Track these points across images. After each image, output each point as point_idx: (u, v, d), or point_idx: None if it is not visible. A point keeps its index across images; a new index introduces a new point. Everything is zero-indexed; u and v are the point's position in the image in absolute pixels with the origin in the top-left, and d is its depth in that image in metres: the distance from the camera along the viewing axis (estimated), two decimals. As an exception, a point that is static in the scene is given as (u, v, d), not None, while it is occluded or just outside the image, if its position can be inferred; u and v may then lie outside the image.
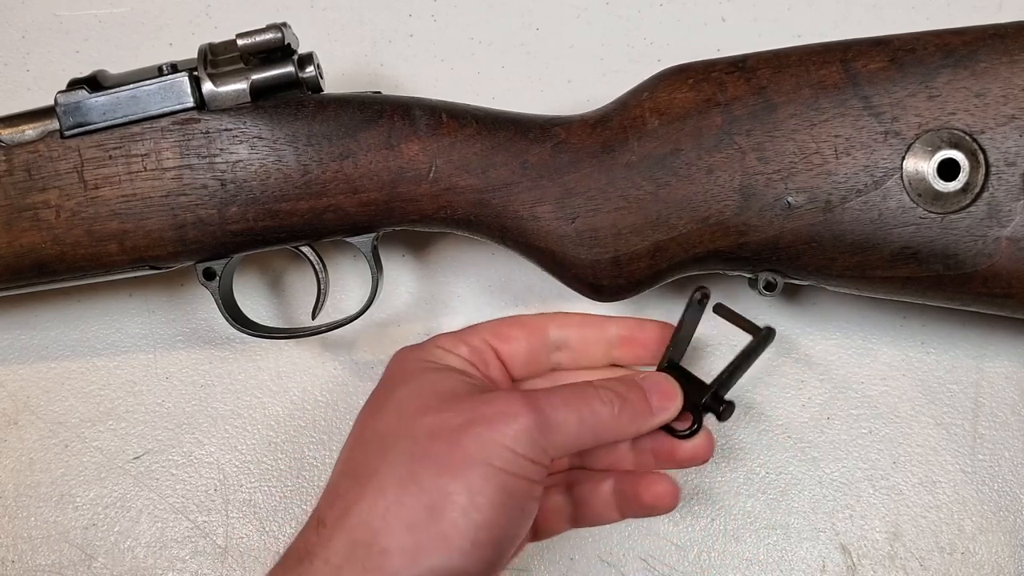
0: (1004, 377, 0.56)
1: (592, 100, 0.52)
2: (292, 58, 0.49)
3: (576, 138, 0.49)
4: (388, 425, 0.45)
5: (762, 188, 0.47)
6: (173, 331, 0.59)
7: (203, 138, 0.49)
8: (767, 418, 0.57)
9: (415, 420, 0.44)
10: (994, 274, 0.46)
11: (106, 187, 0.49)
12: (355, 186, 0.49)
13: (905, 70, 0.46)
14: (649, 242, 0.48)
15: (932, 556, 0.55)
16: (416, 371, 0.48)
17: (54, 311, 0.59)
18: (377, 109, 0.49)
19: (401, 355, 0.50)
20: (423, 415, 0.44)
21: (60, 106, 0.49)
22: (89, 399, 0.58)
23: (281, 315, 0.59)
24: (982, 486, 0.55)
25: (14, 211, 0.49)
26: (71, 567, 0.57)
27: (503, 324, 0.51)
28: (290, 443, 0.58)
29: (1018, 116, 0.45)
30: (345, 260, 0.59)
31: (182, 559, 0.57)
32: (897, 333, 0.57)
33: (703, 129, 0.47)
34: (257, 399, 0.58)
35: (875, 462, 0.56)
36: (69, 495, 0.57)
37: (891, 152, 0.46)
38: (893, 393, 0.56)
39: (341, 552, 0.42)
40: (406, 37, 0.61)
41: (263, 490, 0.57)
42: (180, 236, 0.49)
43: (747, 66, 0.48)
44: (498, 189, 0.49)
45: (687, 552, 0.56)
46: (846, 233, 0.47)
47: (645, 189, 0.48)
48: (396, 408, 0.45)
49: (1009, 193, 0.46)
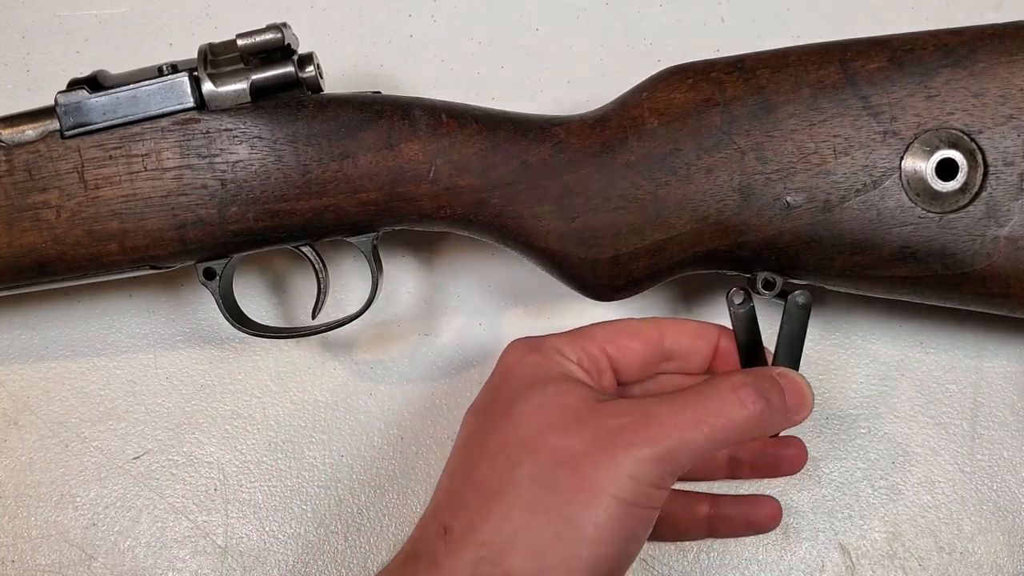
0: (1003, 377, 0.56)
1: (592, 100, 0.52)
2: (292, 58, 0.49)
3: (576, 138, 0.49)
4: (513, 440, 0.44)
5: (761, 188, 0.47)
6: (173, 331, 0.59)
7: (203, 138, 0.49)
8: (766, 418, 0.57)
9: (542, 440, 0.44)
10: (992, 273, 0.46)
11: (106, 187, 0.49)
12: (355, 186, 0.49)
13: (904, 70, 0.46)
14: (648, 242, 0.48)
15: (931, 556, 0.55)
16: (538, 380, 0.46)
17: (54, 311, 0.59)
18: (377, 109, 0.49)
19: (516, 357, 0.48)
20: (549, 435, 0.44)
21: (60, 106, 0.49)
22: (89, 399, 0.58)
23: (281, 315, 0.59)
24: (981, 486, 0.55)
25: (14, 211, 0.49)
26: (71, 567, 0.57)
27: (621, 334, 0.49)
28: (290, 443, 0.58)
29: (1016, 116, 0.45)
30: (345, 260, 0.59)
31: (182, 559, 0.57)
32: (896, 333, 0.57)
33: (702, 129, 0.47)
34: (257, 399, 0.58)
35: (874, 462, 0.56)
36: (69, 495, 0.57)
37: (890, 152, 0.46)
38: (892, 393, 0.56)
39: (468, 565, 0.42)
40: (406, 37, 0.61)
41: (263, 490, 0.57)
42: (180, 236, 0.49)
43: (746, 66, 0.48)
44: (498, 189, 0.49)
45: (687, 552, 0.56)
46: (845, 233, 0.47)
47: (644, 189, 0.48)
48: (521, 423, 0.45)
49: (1007, 193, 0.46)
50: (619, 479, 0.42)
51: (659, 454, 0.42)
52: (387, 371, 0.58)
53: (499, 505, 0.43)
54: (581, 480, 0.42)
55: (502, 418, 0.46)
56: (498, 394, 0.47)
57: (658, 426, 0.43)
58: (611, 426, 0.43)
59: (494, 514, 0.42)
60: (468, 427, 0.48)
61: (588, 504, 0.42)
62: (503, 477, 0.43)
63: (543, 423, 0.44)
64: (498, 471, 0.44)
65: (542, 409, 0.45)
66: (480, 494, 0.44)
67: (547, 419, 0.44)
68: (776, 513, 0.52)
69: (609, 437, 0.43)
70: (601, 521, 0.42)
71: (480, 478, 0.44)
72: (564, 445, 0.43)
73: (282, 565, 0.56)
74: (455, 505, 0.44)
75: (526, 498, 0.42)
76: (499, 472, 0.44)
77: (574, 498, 0.42)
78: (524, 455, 0.44)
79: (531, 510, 0.42)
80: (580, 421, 0.44)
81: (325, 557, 0.57)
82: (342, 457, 0.58)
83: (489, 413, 0.47)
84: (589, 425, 0.44)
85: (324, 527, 0.57)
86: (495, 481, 0.44)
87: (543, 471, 0.43)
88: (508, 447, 0.44)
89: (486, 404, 0.48)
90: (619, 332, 0.49)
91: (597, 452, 0.43)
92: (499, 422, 0.46)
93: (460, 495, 0.45)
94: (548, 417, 0.44)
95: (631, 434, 0.43)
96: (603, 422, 0.44)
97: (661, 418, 0.43)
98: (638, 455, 0.42)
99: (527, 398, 0.46)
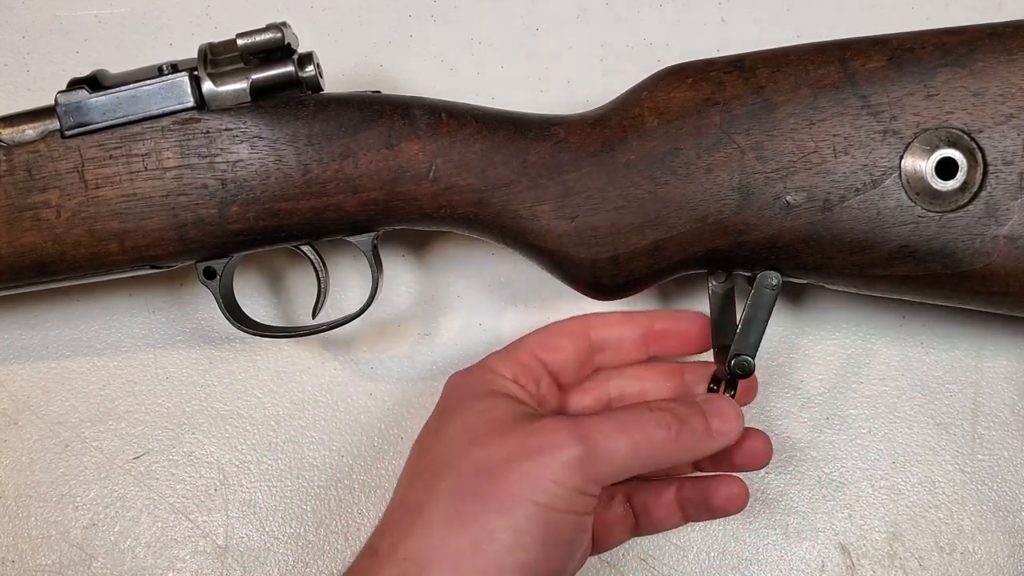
0: (1003, 377, 0.56)
1: (592, 100, 0.52)
2: (292, 58, 0.49)
3: (575, 137, 0.49)
4: (438, 457, 0.45)
5: (761, 187, 0.47)
6: (173, 331, 0.59)
7: (203, 138, 0.49)
8: (767, 418, 0.57)
9: (464, 453, 0.44)
10: (991, 272, 0.46)
11: (107, 187, 0.49)
12: (355, 185, 0.49)
13: (903, 69, 0.46)
14: (648, 241, 0.48)
15: (931, 556, 0.55)
16: (467, 399, 0.47)
17: (54, 311, 0.59)
18: (377, 109, 0.49)
19: (453, 381, 0.50)
20: (471, 448, 0.44)
21: (61, 106, 0.49)
22: (89, 399, 0.58)
23: (281, 314, 0.59)
24: (981, 486, 0.55)
25: (15, 211, 0.49)
26: (71, 567, 0.57)
27: (548, 335, 0.51)
28: (290, 443, 0.58)
29: (1016, 115, 0.45)
30: (345, 259, 0.59)
31: (182, 559, 0.57)
32: (896, 333, 0.57)
33: (702, 128, 0.47)
34: (257, 399, 0.58)
35: (874, 462, 0.56)
36: (69, 495, 0.57)
37: (889, 151, 0.46)
38: (892, 393, 0.56)
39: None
40: (406, 37, 0.61)
41: (263, 490, 0.57)
42: (181, 236, 0.49)
43: (746, 65, 0.48)
44: (498, 188, 0.49)
45: (687, 552, 0.56)
46: (845, 232, 0.47)
47: (644, 188, 0.48)
48: (447, 440, 0.46)
49: (1007, 192, 0.46)
50: (541, 484, 0.42)
51: (582, 456, 0.42)
52: (387, 371, 0.58)
53: (419, 521, 0.43)
54: (499, 487, 0.42)
55: (433, 440, 0.47)
56: (431, 421, 0.49)
57: (583, 429, 0.43)
58: (535, 431, 0.44)
59: (415, 530, 0.43)
60: (408, 458, 0.48)
61: (506, 511, 0.42)
62: (425, 494, 0.44)
63: (467, 437, 0.45)
64: (421, 490, 0.44)
65: (467, 424, 0.46)
66: (403, 513, 0.44)
67: (471, 434, 0.45)
68: (736, 496, 0.49)
69: (531, 442, 0.43)
70: (521, 525, 0.42)
71: (405, 499, 0.45)
72: (484, 455, 0.44)
73: (282, 565, 0.57)
74: (382, 529, 0.45)
75: (444, 510, 0.43)
76: (421, 490, 0.44)
77: (491, 506, 0.42)
78: (446, 470, 0.44)
79: (449, 522, 0.42)
80: (504, 432, 0.44)
81: (325, 557, 0.57)
82: (342, 457, 0.58)
83: (421, 442, 0.48)
84: (513, 434, 0.44)
85: (324, 527, 0.57)
86: (417, 499, 0.44)
87: (461, 482, 0.43)
88: (433, 465, 0.45)
89: (421, 433, 0.49)
90: (546, 334, 0.51)
91: (518, 458, 0.43)
92: (430, 444, 0.47)
93: (388, 518, 0.45)
94: (472, 432, 0.45)
95: (554, 436, 0.43)
96: (528, 429, 0.44)
97: (586, 425, 0.44)
98: (561, 457, 0.42)
99: (454, 417, 0.46)
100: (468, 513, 0.42)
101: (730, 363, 0.49)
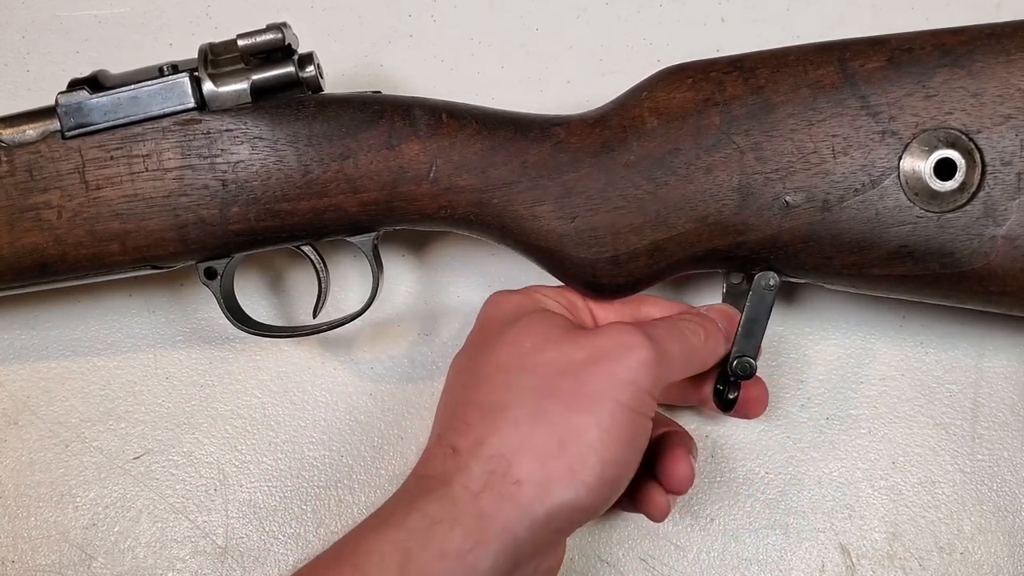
0: (1003, 377, 0.56)
1: (592, 100, 0.52)
2: (292, 58, 0.49)
3: (575, 138, 0.49)
4: (508, 359, 0.46)
5: (760, 187, 0.47)
6: (173, 331, 0.59)
7: (204, 138, 0.49)
8: (767, 418, 0.57)
9: (535, 356, 0.45)
10: (990, 272, 0.46)
11: (108, 187, 0.49)
12: (356, 186, 0.49)
13: (902, 70, 0.47)
14: (648, 241, 0.48)
15: (931, 556, 0.55)
16: (523, 311, 0.48)
17: (54, 311, 0.59)
18: (377, 109, 0.49)
19: (498, 299, 0.51)
20: (542, 350, 0.45)
21: (61, 107, 0.49)
22: (89, 399, 0.58)
23: (282, 314, 0.59)
24: (981, 486, 0.55)
25: (16, 212, 0.49)
26: (71, 567, 0.57)
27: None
28: (290, 443, 0.58)
29: (1014, 115, 0.46)
30: (346, 259, 0.59)
31: (182, 559, 0.57)
32: (896, 333, 0.57)
33: (701, 129, 0.48)
34: (257, 399, 0.58)
35: (874, 462, 0.56)
36: (69, 495, 0.57)
37: (888, 151, 0.46)
38: (892, 393, 0.56)
39: (479, 479, 0.42)
40: (406, 37, 0.61)
41: (263, 490, 0.57)
42: (182, 236, 0.49)
43: (745, 66, 0.48)
44: (498, 189, 0.49)
45: (687, 552, 0.56)
46: (844, 232, 0.47)
47: (644, 188, 0.48)
48: (510, 345, 0.46)
49: (1005, 192, 0.46)
50: (621, 383, 0.43)
51: (655, 356, 0.44)
52: (387, 371, 0.58)
53: (503, 418, 0.44)
54: (582, 386, 0.43)
55: (493, 344, 0.47)
56: (483, 331, 0.49)
57: (650, 330, 0.45)
58: (606, 333, 0.45)
59: (500, 427, 0.43)
60: (457, 365, 0.49)
61: (591, 408, 0.43)
62: (503, 393, 0.44)
63: (534, 342, 0.46)
64: (497, 389, 0.45)
65: (531, 330, 0.46)
66: (483, 412, 0.44)
67: (537, 339, 0.46)
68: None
69: (607, 343, 0.45)
70: (604, 424, 0.43)
71: (480, 399, 0.45)
72: (561, 356, 0.45)
73: (282, 565, 0.57)
74: (459, 427, 0.45)
75: (529, 408, 0.43)
76: (498, 389, 0.45)
77: (575, 405, 0.43)
78: (521, 370, 0.45)
79: (534, 419, 0.43)
80: (572, 338, 0.46)
81: (325, 557, 0.57)
82: (342, 457, 0.58)
83: (478, 347, 0.48)
84: (583, 338, 0.45)
85: (324, 527, 0.57)
86: (496, 398, 0.45)
87: (543, 382, 0.44)
88: (503, 366, 0.45)
89: (473, 341, 0.49)
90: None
91: (597, 359, 0.44)
92: (491, 348, 0.47)
93: (462, 418, 0.45)
94: (537, 337, 0.46)
95: (628, 337, 0.44)
96: (597, 332, 0.46)
97: (649, 327, 0.46)
98: (638, 356, 0.44)
99: (514, 324, 0.47)
100: (552, 412, 0.43)
101: (732, 364, 0.49)
